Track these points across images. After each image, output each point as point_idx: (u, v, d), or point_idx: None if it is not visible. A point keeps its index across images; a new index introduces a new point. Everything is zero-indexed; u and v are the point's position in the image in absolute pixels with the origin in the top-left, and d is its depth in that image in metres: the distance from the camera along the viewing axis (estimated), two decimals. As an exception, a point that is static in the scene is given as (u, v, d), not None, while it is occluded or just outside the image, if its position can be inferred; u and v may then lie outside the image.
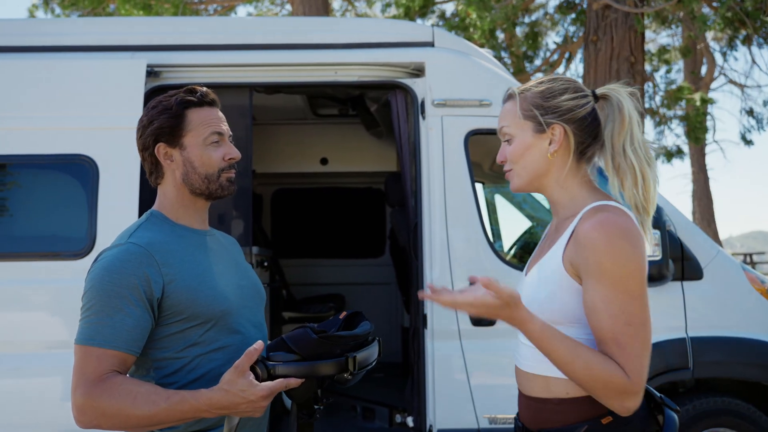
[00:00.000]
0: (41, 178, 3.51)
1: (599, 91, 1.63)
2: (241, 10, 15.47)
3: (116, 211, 3.37)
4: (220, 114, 1.82)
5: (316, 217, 6.41)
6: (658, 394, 1.60)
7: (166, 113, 1.75)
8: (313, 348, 1.57)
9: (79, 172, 3.45)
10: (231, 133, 1.84)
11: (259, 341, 1.54)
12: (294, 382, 1.54)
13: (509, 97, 1.66)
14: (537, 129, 1.60)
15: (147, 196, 3.33)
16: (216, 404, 1.52)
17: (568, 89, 1.60)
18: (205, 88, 1.81)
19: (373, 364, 1.70)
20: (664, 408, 1.56)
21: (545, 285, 1.55)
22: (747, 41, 10.43)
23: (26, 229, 3.53)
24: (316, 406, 1.69)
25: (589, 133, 1.60)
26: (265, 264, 4.65)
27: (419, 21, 10.40)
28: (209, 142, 1.76)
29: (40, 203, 3.51)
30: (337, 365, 1.58)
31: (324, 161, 6.12)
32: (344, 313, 1.78)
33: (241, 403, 1.51)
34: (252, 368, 1.53)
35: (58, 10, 12.16)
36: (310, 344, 1.57)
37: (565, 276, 1.52)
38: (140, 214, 3.31)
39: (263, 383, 1.52)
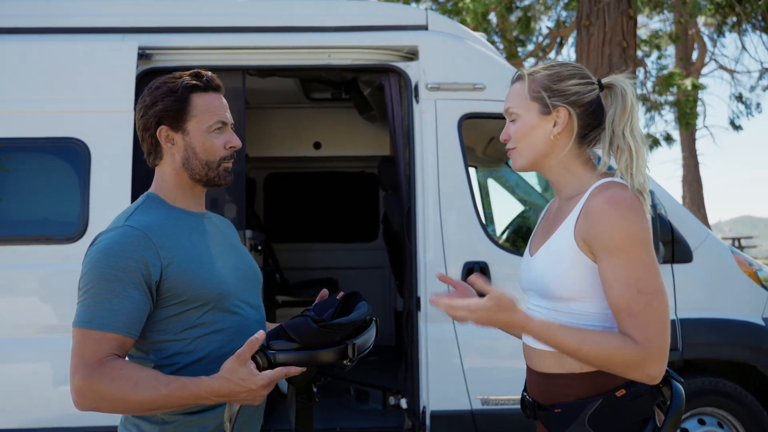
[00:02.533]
0: (32, 161, 3.48)
1: (605, 80, 1.68)
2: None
3: (108, 194, 3.35)
4: (224, 101, 1.81)
5: (309, 201, 6.40)
6: None
7: (171, 96, 1.73)
8: (313, 337, 1.57)
9: (70, 156, 3.42)
10: (233, 121, 1.83)
11: (261, 331, 1.54)
12: (294, 370, 1.55)
13: (518, 78, 1.70)
14: (543, 110, 1.64)
15: (139, 180, 3.32)
16: (217, 392, 1.53)
17: (575, 75, 1.66)
18: (210, 73, 1.80)
19: (371, 346, 1.71)
20: (670, 380, 1.61)
21: (558, 262, 1.59)
22: (737, 27, 10.44)
23: (17, 213, 3.50)
24: (314, 389, 1.71)
25: (592, 119, 1.65)
26: (259, 248, 4.65)
27: (413, 5, 10.34)
28: (212, 129, 1.75)
29: (31, 187, 3.47)
30: (338, 353, 1.59)
31: (317, 145, 6.10)
32: (341, 293, 1.79)
33: (241, 391, 1.52)
34: (252, 357, 1.53)
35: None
36: (310, 333, 1.57)
37: (578, 252, 1.56)
38: (133, 197, 3.29)
39: (264, 372, 1.52)
